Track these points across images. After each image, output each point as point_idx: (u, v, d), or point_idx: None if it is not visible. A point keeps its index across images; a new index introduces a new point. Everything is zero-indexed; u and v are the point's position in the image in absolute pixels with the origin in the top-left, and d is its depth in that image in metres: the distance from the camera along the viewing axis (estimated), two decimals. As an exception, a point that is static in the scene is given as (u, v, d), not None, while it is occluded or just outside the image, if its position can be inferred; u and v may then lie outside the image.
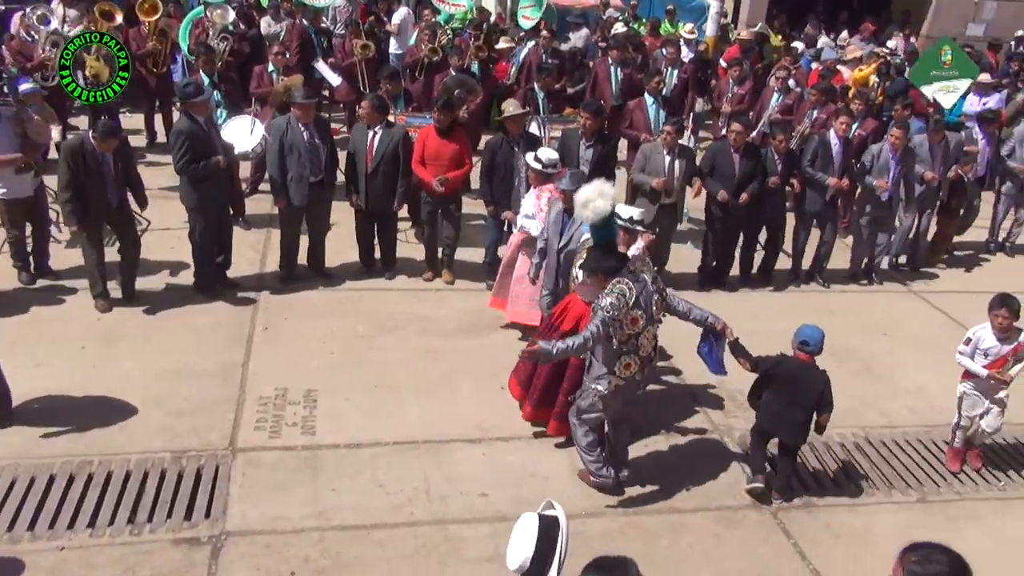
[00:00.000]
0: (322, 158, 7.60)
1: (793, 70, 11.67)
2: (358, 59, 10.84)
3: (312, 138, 7.54)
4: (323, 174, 7.65)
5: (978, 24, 17.04)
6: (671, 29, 15.22)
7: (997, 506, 5.76)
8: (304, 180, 7.52)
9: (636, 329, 4.92)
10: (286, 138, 7.47)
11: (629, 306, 4.83)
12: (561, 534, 3.02)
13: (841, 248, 9.20)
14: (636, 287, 4.87)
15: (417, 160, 7.77)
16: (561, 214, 6.25)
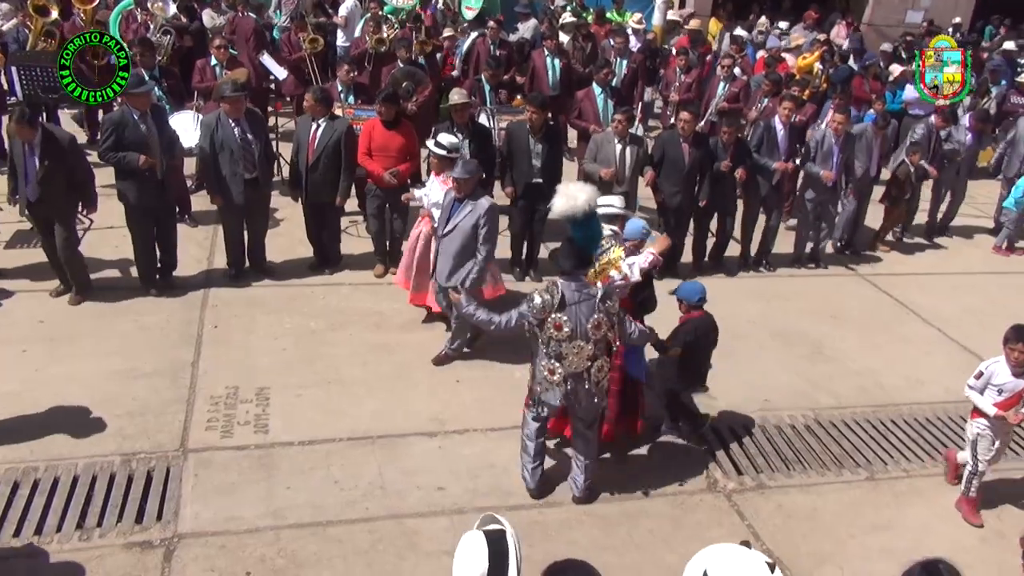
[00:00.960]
0: (255, 154, 7.40)
1: (739, 59, 11.81)
2: (307, 53, 10.70)
3: (244, 134, 7.33)
4: (257, 171, 7.46)
5: (916, 11, 17.39)
6: (619, 19, 15.30)
7: (942, 481, 5.91)
8: (238, 177, 7.35)
9: (560, 335, 4.83)
10: (216, 135, 7.27)
11: (552, 308, 4.81)
12: (512, 548, 2.96)
13: (783, 233, 9.35)
14: (570, 294, 4.81)
15: (364, 153, 7.71)
16: (452, 201, 6.32)
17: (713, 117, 10.76)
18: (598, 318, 4.86)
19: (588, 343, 4.86)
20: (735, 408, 6.54)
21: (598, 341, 4.90)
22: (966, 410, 6.72)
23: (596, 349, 4.91)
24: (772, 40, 14.42)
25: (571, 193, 5.06)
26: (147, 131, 7.07)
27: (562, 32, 12.27)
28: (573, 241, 5.06)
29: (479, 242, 6.30)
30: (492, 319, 5.09)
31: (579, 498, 5.34)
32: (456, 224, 6.27)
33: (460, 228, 6.26)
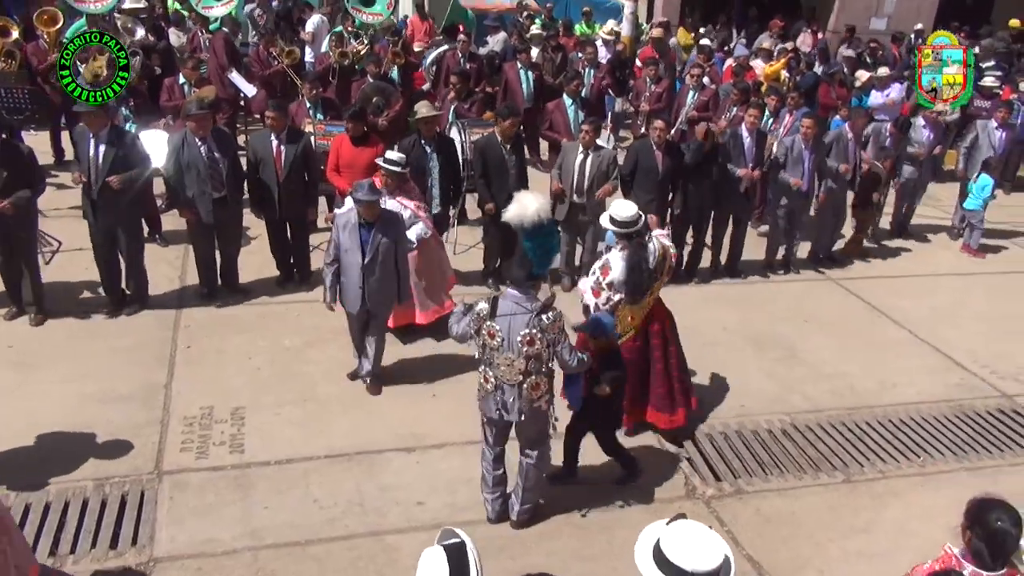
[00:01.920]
0: (223, 173, 7.32)
1: (707, 68, 11.93)
2: (286, 65, 10.67)
3: (211, 152, 7.25)
4: (226, 190, 7.38)
5: (880, 18, 17.70)
6: (587, 30, 15.42)
7: (918, 481, 5.97)
8: (207, 196, 7.27)
9: (493, 343, 4.81)
10: (183, 154, 7.19)
11: (486, 316, 4.81)
12: (472, 562, 2.93)
13: (755, 240, 9.43)
14: (506, 305, 4.79)
15: (332, 169, 7.70)
16: (358, 228, 6.03)
17: (683, 126, 10.85)
18: (530, 333, 4.73)
19: (519, 356, 4.77)
20: (711, 414, 6.57)
21: (530, 357, 4.78)
22: (939, 411, 6.84)
23: (528, 365, 4.79)
24: (739, 49, 14.62)
25: (524, 202, 5.10)
26: (92, 150, 6.93)
27: (531, 44, 12.34)
28: (524, 252, 5.09)
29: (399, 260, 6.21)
30: (451, 327, 5.08)
31: (514, 522, 5.21)
32: (375, 249, 6.05)
33: (383, 255, 6.09)
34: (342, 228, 6.06)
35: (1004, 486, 5.87)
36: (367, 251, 6.00)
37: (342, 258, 6.09)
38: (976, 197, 9.93)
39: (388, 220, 6.15)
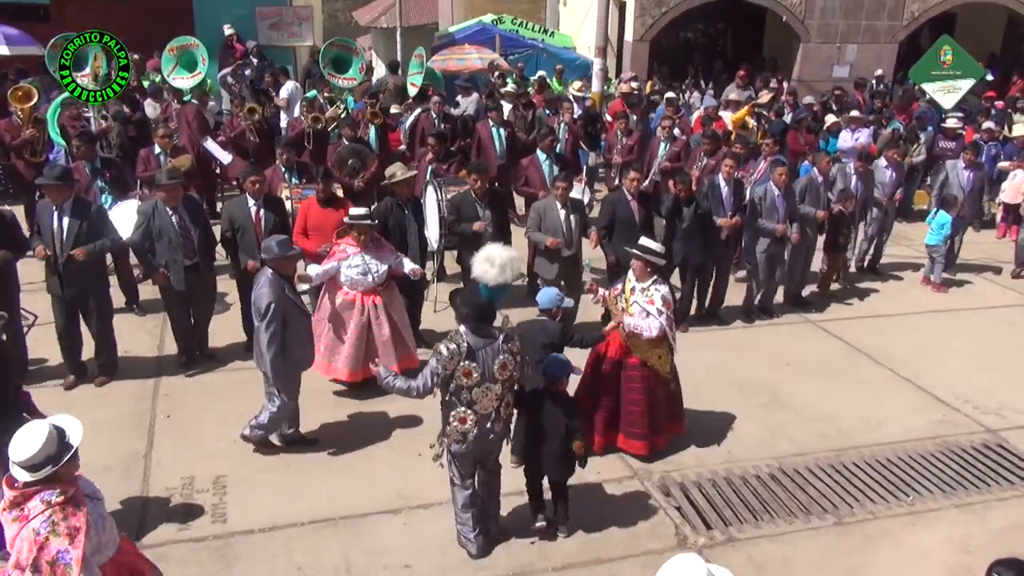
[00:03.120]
0: (195, 241, 7.36)
1: (677, 119, 12.16)
2: (246, 125, 10.74)
3: (182, 221, 7.29)
4: (197, 257, 7.40)
5: (842, 66, 18.16)
6: (559, 88, 15.71)
7: (908, 520, 5.94)
8: (178, 264, 7.29)
9: (470, 382, 4.92)
10: (154, 223, 7.21)
11: (460, 356, 4.88)
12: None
13: (733, 285, 9.50)
14: (475, 341, 4.93)
15: (300, 232, 7.69)
16: (285, 286, 6.03)
17: (657, 177, 11.00)
18: (504, 359, 4.98)
19: (496, 383, 4.99)
20: (699, 461, 6.54)
21: (504, 381, 5.02)
22: (924, 448, 6.85)
23: (503, 388, 5.04)
24: (708, 100, 14.94)
25: (492, 257, 5.30)
26: (55, 223, 6.91)
27: (503, 102, 12.54)
28: (479, 293, 5.20)
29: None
30: (409, 386, 5.06)
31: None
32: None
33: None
34: (277, 291, 5.92)
35: (993, 522, 5.89)
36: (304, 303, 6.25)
37: (291, 321, 6.02)
38: (935, 233, 10.10)
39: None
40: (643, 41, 17.50)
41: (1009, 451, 6.84)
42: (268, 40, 17.78)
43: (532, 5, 26.40)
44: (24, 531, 3.66)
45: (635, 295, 6.18)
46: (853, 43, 18.02)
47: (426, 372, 4.99)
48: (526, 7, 25.70)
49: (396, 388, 5.10)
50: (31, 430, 3.75)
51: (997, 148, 12.32)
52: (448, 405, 5.05)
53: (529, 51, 18.27)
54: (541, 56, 18.30)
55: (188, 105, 11.52)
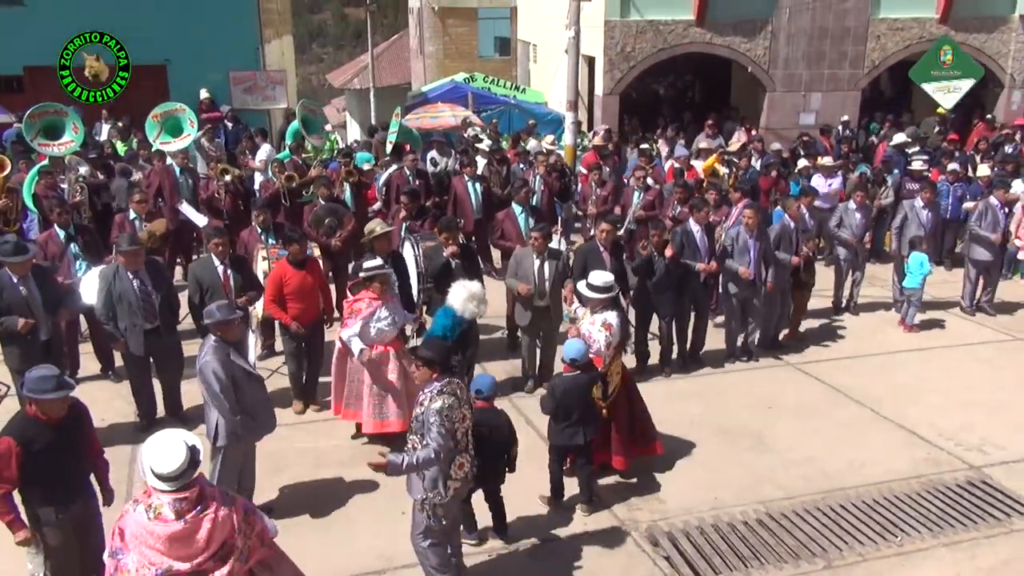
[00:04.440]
0: (155, 305, 7.33)
1: (649, 169, 12.34)
2: (218, 185, 10.75)
3: (144, 285, 7.27)
4: (158, 321, 7.37)
5: (808, 113, 18.56)
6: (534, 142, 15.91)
7: (897, 562, 5.91)
8: (138, 328, 7.26)
9: (466, 425, 5.03)
10: (115, 287, 7.19)
11: (460, 404, 4.94)
12: None
13: (713, 331, 9.55)
14: (460, 383, 5.04)
15: (273, 298, 7.63)
16: (228, 352, 5.89)
17: (632, 226, 11.12)
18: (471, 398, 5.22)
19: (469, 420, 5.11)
20: (686, 509, 6.48)
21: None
22: (910, 488, 6.83)
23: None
24: (680, 150, 15.18)
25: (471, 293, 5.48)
26: (28, 293, 6.91)
27: (478, 158, 12.68)
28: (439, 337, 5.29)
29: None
30: (428, 456, 4.86)
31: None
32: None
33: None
34: (221, 357, 5.77)
35: (983, 560, 5.87)
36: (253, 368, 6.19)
37: (246, 388, 5.92)
38: (915, 275, 10.19)
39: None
40: (613, 95, 17.83)
41: (993, 487, 6.84)
42: (243, 104, 17.97)
43: (503, 63, 26.95)
44: (227, 515, 4.02)
45: (585, 317, 6.77)
46: (817, 91, 18.45)
47: (434, 435, 4.83)
48: (497, 65, 26.23)
49: (411, 466, 4.88)
50: (169, 444, 3.94)
51: (963, 189, 12.56)
52: (446, 458, 4.96)
53: (501, 107, 18.55)
54: (513, 112, 18.59)
55: (167, 169, 11.47)
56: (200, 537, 3.91)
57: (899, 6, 18.17)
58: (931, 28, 18.28)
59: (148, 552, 3.87)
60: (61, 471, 4.92)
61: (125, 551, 3.93)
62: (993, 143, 15.53)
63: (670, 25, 17.42)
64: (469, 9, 27.48)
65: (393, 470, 4.87)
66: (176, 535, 3.86)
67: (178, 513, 3.87)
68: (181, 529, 3.87)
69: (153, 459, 3.89)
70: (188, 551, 3.90)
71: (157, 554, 3.87)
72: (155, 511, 3.88)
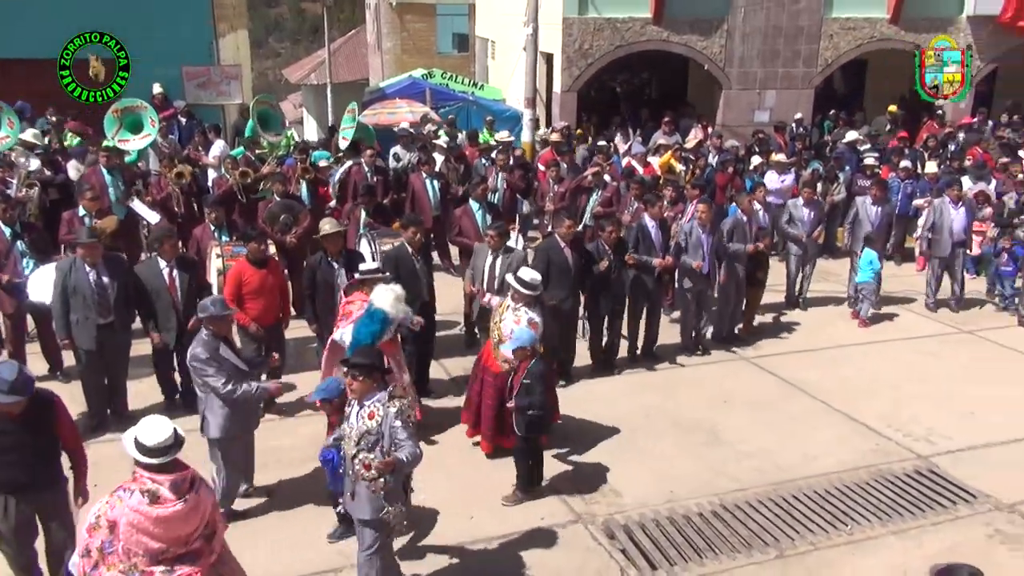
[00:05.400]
0: (111, 299, 7.24)
1: (607, 166, 12.41)
2: (172, 188, 10.57)
3: (99, 278, 7.18)
4: (113, 316, 7.27)
5: (763, 111, 18.80)
6: (491, 139, 15.90)
7: (848, 550, 6.03)
8: (90, 322, 7.16)
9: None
10: (69, 279, 7.12)
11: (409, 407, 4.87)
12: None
13: (665, 324, 9.66)
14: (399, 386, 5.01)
15: (231, 298, 7.48)
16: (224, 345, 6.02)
17: (589, 222, 11.17)
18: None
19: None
20: (641, 502, 6.55)
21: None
22: (859, 478, 6.98)
23: None
24: (636, 147, 15.29)
25: (396, 296, 5.97)
26: None
27: (436, 154, 12.64)
28: (366, 342, 5.45)
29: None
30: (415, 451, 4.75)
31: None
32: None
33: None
34: (211, 350, 5.87)
35: (929, 546, 6.02)
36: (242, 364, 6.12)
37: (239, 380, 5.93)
38: (865, 271, 10.43)
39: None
40: (571, 92, 17.89)
41: (940, 476, 7.02)
42: (196, 99, 17.66)
43: (462, 59, 26.90)
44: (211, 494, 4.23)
45: (507, 312, 6.89)
46: (772, 89, 18.70)
47: (405, 436, 4.74)
48: (455, 61, 26.18)
49: (413, 459, 4.74)
50: (156, 421, 4.13)
51: (913, 186, 12.83)
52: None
53: (459, 104, 18.50)
54: (471, 108, 18.54)
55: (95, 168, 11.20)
56: (199, 514, 4.04)
57: (851, 6, 18.48)
58: (882, 28, 18.62)
59: (145, 540, 3.92)
60: (19, 462, 4.88)
61: (116, 542, 3.94)
62: (941, 141, 15.90)
63: (627, 23, 17.52)
64: (427, 5, 27.39)
65: (399, 467, 4.73)
66: (179, 515, 3.96)
67: (179, 493, 3.97)
68: (183, 508, 3.97)
69: (140, 433, 4.05)
70: (187, 531, 4.01)
71: (154, 540, 3.93)
72: (153, 495, 3.94)
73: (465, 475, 6.88)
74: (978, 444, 7.54)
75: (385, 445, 4.72)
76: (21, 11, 15.88)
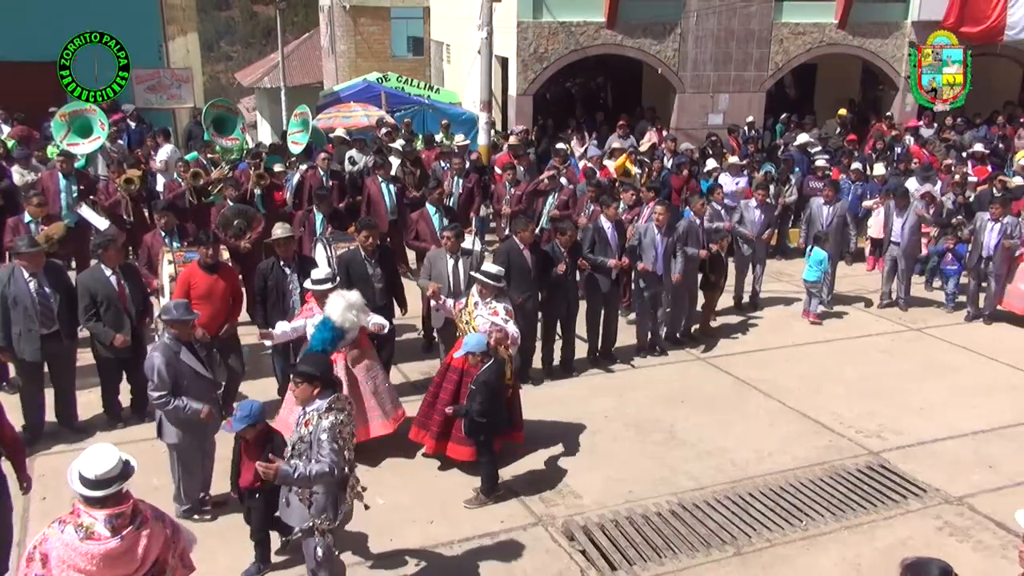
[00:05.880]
0: (54, 309, 7.07)
1: (563, 169, 12.46)
2: (122, 194, 10.36)
3: (41, 287, 7.01)
4: (56, 325, 7.10)
5: (716, 114, 19.04)
6: (448, 142, 15.86)
7: (803, 546, 6.12)
8: (33, 334, 6.99)
9: (351, 444, 4.74)
10: (8, 290, 6.92)
11: (349, 421, 4.67)
12: None
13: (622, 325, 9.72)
14: (348, 398, 4.80)
15: None
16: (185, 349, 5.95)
17: (546, 225, 11.20)
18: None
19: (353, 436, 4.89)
20: (600, 503, 6.58)
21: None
22: (814, 474, 7.09)
23: None
24: (592, 150, 15.38)
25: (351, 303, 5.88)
26: None
27: (392, 158, 12.56)
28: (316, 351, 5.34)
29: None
30: (324, 468, 4.53)
31: None
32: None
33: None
34: (171, 358, 5.82)
35: (881, 540, 6.13)
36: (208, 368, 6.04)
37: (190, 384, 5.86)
38: (813, 269, 10.63)
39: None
40: (526, 95, 17.92)
41: (891, 471, 7.16)
42: (146, 103, 17.36)
43: (417, 63, 26.80)
44: (160, 530, 3.89)
45: (478, 309, 6.97)
46: (725, 92, 18.96)
47: (327, 452, 4.53)
48: (410, 65, 26.07)
49: (315, 475, 4.52)
50: (101, 451, 3.86)
51: (863, 188, 13.09)
52: (341, 478, 4.72)
53: (415, 107, 18.42)
54: (427, 112, 18.48)
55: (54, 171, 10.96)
56: (138, 554, 3.75)
57: (800, 11, 18.79)
58: (831, 33, 18.97)
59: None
60: None
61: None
62: (888, 144, 16.26)
63: (582, 27, 17.60)
64: (381, 8, 27.22)
65: (282, 478, 4.53)
66: (113, 553, 3.68)
67: (114, 529, 3.70)
68: (118, 546, 3.69)
69: (83, 465, 3.78)
70: (125, 570, 3.72)
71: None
72: (87, 530, 3.68)
73: (424, 480, 6.85)
74: (927, 439, 7.71)
75: (312, 455, 4.60)
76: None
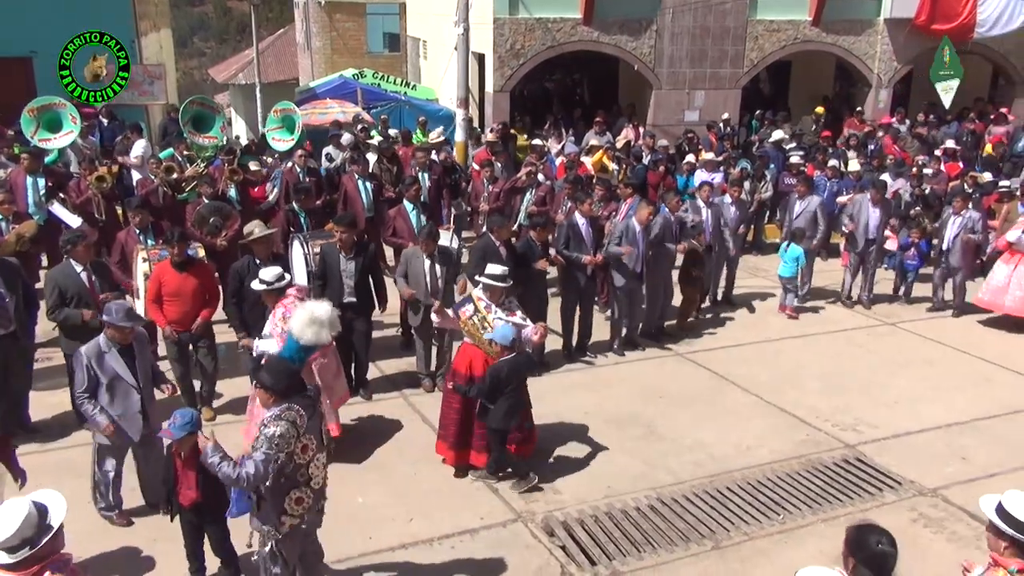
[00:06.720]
0: (9, 309, 6.96)
1: (540, 166, 12.46)
2: (93, 192, 10.22)
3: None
4: (13, 325, 6.99)
5: (692, 111, 19.13)
6: (423, 139, 15.82)
7: (780, 539, 6.17)
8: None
9: (307, 457, 4.54)
10: None
11: (300, 434, 4.45)
12: None
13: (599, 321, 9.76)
14: (307, 411, 4.52)
15: (152, 300, 7.35)
16: (117, 353, 5.80)
17: (524, 221, 11.19)
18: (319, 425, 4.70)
19: (322, 452, 4.70)
20: (580, 499, 6.59)
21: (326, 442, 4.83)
22: (791, 468, 7.15)
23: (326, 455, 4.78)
24: (570, 147, 15.41)
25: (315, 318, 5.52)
26: None
27: (368, 154, 12.50)
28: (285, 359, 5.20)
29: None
30: (239, 475, 4.34)
31: None
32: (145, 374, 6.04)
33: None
34: (96, 357, 5.72)
35: (858, 532, 6.15)
36: (139, 374, 5.87)
37: (114, 387, 5.77)
38: (788, 265, 10.72)
39: (141, 339, 6.02)
40: (503, 92, 17.91)
41: (867, 464, 7.24)
42: (118, 99, 17.13)
43: (393, 59, 26.68)
44: None
45: (492, 312, 6.73)
46: (700, 89, 19.05)
47: (258, 459, 4.34)
48: (387, 61, 25.96)
49: (222, 472, 4.39)
50: (9, 509, 3.56)
51: (838, 184, 13.21)
52: (278, 490, 4.51)
53: (392, 104, 18.36)
54: (404, 108, 18.42)
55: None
56: None
57: (774, 8, 18.92)
58: (805, 30, 19.11)
59: None
60: None
61: None
62: (861, 140, 16.42)
63: (558, 23, 17.61)
64: (357, 4, 27.08)
65: (204, 458, 4.45)
66: None
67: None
68: None
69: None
70: None
71: None
72: None
73: (403, 477, 6.83)
74: (901, 432, 7.80)
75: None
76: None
